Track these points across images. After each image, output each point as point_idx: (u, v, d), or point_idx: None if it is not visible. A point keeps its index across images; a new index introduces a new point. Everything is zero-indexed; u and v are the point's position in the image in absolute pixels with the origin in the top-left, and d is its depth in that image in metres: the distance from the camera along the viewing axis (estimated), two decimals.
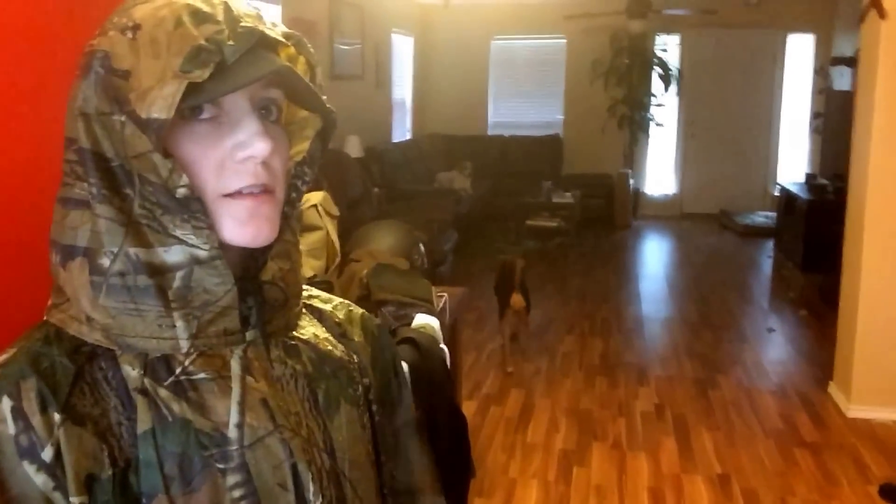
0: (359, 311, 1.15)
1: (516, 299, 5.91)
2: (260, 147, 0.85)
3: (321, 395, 0.98)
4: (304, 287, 1.08)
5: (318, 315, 1.07)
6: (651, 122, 11.42)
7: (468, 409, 4.87)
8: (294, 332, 0.99)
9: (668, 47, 11.47)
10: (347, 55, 8.77)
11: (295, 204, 0.98)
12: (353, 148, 8.45)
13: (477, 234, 9.49)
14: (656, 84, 11.27)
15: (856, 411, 4.96)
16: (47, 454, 0.79)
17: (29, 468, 0.79)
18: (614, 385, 5.47)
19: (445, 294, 3.78)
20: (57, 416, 0.80)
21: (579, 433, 4.74)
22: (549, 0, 11.12)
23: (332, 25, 8.39)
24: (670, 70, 11.21)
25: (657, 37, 11.24)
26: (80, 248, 0.85)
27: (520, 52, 12.22)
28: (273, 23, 0.92)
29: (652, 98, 11.35)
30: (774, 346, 6.44)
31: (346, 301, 1.15)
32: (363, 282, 3.34)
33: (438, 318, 3.34)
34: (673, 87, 11.28)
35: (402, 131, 11.36)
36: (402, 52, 11.24)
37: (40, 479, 0.79)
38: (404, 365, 1.21)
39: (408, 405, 1.16)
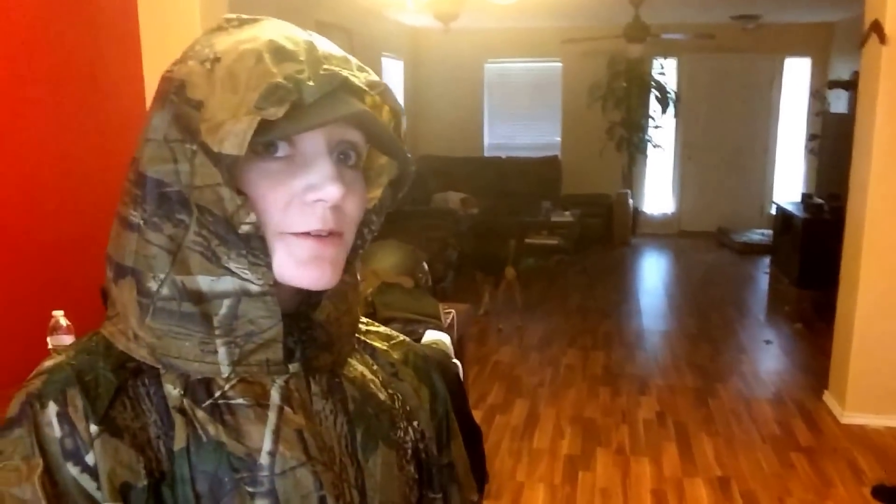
0: (418, 351, 1.14)
1: (509, 271, 6.73)
2: (331, 191, 0.84)
3: (360, 434, 0.97)
4: (364, 321, 1.09)
5: (372, 352, 1.06)
6: (649, 144, 11.56)
7: (474, 417, 5.00)
8: (341, 370, 0.99)
9: (666, 70, 11.61)
10: None
11: (358, 251, 0.97)
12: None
13: (476, 253, 9.61)
14: (654, 107, 11.40)
15: (850, 418, 5.11)
16: (90, 458, 0.82)
17: (73, 469, 0.81)
18: (617, 394, 5.61)
19: (453, 311, 3.89)
20: (94, 428, 0.82)
21: (584, 439, 4.87)
22: (545, 25, 11.22)
23: None
24: (668, 93, 11.35)
25: (655, 60, 11.38)
26: (129, 267, 0.86)
27: (515, 75, 12.27)
28: (360, 66, 0.91)
29: (650, 120, 11.48)
30: (771, 357, 6.58)
31: (407, 340, 1.14)
32: (368, 300, 3.42)
33: (447, 334, 3.43)
34: (671, 110, 11.42)
35: None
36: (393, 76, 11.26)
37: (84, 480, 0.81)
38: None
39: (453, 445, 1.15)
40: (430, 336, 3.28)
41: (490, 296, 7.00)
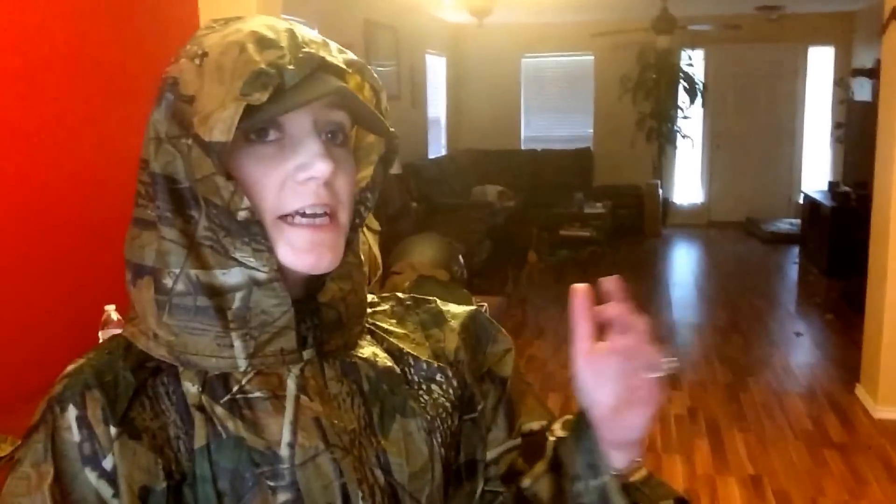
0: (431, 309, 1.14)
1: (532, 255, 7.22)
2: (320, 167, 0.87)
3: (376, 413, 0.97)
4: (371, 300, 1.10)
5: (384, 332, 1.06)
6: (678, 135, 11.60)
7: None
8: (352, 351, 0.99)
9: (694, 62, 11.66)
10: (383, 76, 8.71)
11: (357, 229, 0.99)
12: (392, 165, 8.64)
13: (511, 245, 9.67)
14: (682, 98, 11.46)
15: (883, 412, 5.09)
16: (108, 463, 0.83)
17: (90, 475, 0.82)
18: None
19: (486, 304, 3.94)
20: (113, 430, 0.83)
21: None
22: (577, 19, 11.33)
23: (368, 48, 8.61)
24: (696, 84, 11.40)
25: (683, 52, 11.43)
26: (148, 267, 0.88)
27: (550, 69, 12.48)
28: (339, 48, 0.94)
29: (679, 111, 11.53)
30: (802, 350, 6.62)
31: (412, 303, 1.15)
32: (405, 293, 3.48)
33: None
34: (698, 101, 11.47)
35: (437, 147, 11.57)
36: (436, 72, 11.45)
37: (101, 486, 0.82)
38: None
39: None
40: None
41: (514, 281, 7.14)
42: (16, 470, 0.84)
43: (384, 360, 1.01)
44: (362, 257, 1.03)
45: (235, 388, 0.89)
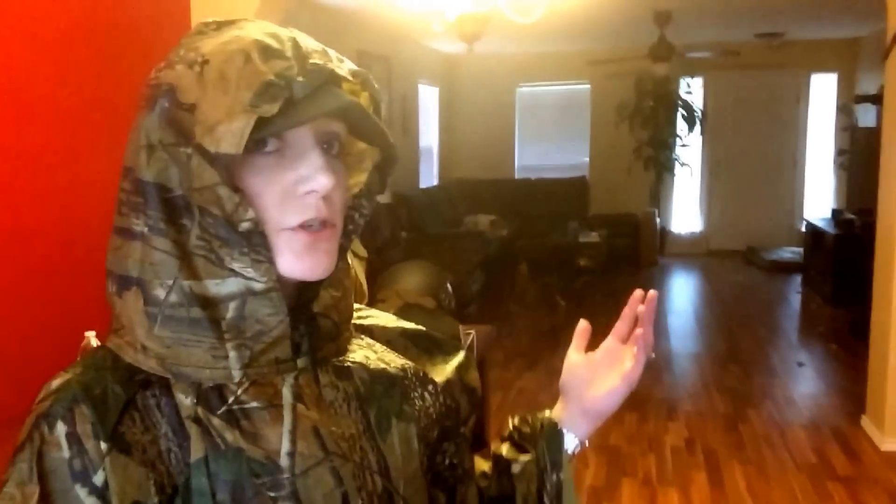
0: (413, 326, 1.17)
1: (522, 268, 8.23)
2: (323, 182, 0.86)
3: (373, 415, 0.99)
4: (357, 307, 1.09)
5: (370, 333, 1.08)
6: (676, 163, 11.48)
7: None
8: (344, 357, 1.00)
9: (693, 89, 11.59)
10: None
11: (351, 236, 0.99)
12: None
13: (503, 275, 9.53)
14: (681, 125, 11.34)
15: (889, 444, 4.92)
16: (98, 479, 0.81)
17: (80, 491, 0.81)
18: (644, 420, 5.45)
19: (473, 332, 3.77)
20: (104, 445, 0.82)
21: (609, 469, 4.71)
22: (573, 48, 11.28)
23: None
24: (694, 111, 11.30)
25: (681, 79, 11.35)
26: (135, 278, 0.86)
27: (545, 98, 12.42)
28: (339, 57, 0.93)
29: (677, 139, 11.42)
30: (805, 381, 6.42)
31: (398, 320, 1.16)
32: None
33: None
34: (697, 128, 11.36)
35: (428, 177, 11.52)
36: (428, 102, 11.43)
37: (91, 503, 0.81)
38: None
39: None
40: None
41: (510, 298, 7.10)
42: (1, 492, 0.82)
43: (376, 362, 1.03)
44: (350, 261, 1.03)
45: (231, 399, 0.88)
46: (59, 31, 3.38)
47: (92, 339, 2.90)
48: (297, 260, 0.88)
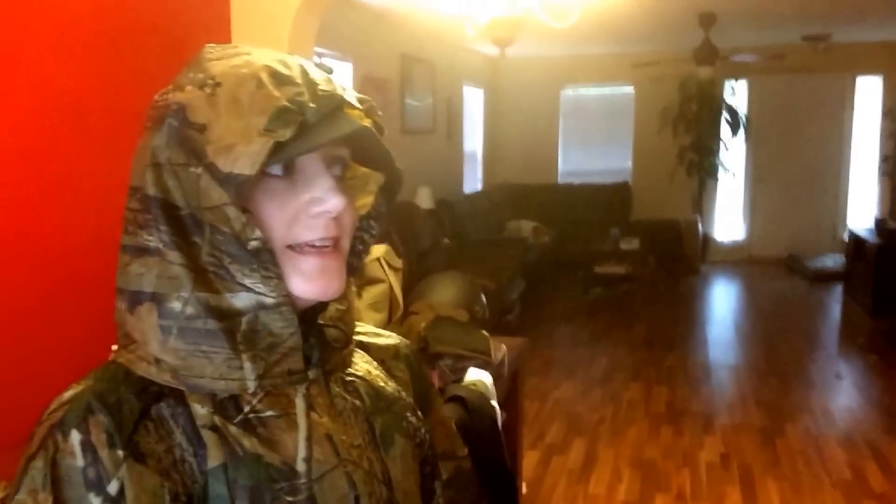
0: (403, 345, 1.20)
1: None
2: (334, 203, 0.90)
3: (378, 428, 1.03)
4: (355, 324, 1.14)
5: (366, 350, 1.12)
6: (719, 168, 11.36)
7: (531, 458, 4.91)
8: (350, 369, 1.04)
9: (737, 93, 11.46)
10: (418, 110, 8.96)
11: (361, 255, 1.05)
12: (424, 199, 8.60)
13: (544, 282, 9.55)
14: (724, 130, 11.21)
15: None
16: (113, 487, 0.82)
17: (95, 500, 0.81)
18: (679, 434, 5.47)
19: (504, 346, 3.80)
20: (118, 454, 0.83)
21: (643, 484, 4.74)
22: (617, 50, 11.22)
23: (404, 82, 8.60)
24: (738, 116, 11.17)
25: (725, 83, 11.23)
26: (148, 293, 0.89)
27: (589, 101, 12.34)
28: (343, 87, 0.97)
29: (720, 144, 11.30)
30: (843, 394, 6.37)
31: (390, 334, 1.20)
32: (421, 335, 3.36)
33: (496, 371, 3.34)
34: (741, 133, 11.23)
35: (473, 182, 11.51)
36: (473, 104, 11.41)
37: None
38: None
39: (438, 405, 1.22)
40: (471, 376, 3.19)
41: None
42: (11, 499, 0.84)
43: (376, 378, 1.07)
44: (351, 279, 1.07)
45: (247, 409, 0.91)
46: (89, 32, 3.35)
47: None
48: (308, 282, 0.92)
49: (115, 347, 2.77)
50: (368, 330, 1.17)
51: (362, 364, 1.07)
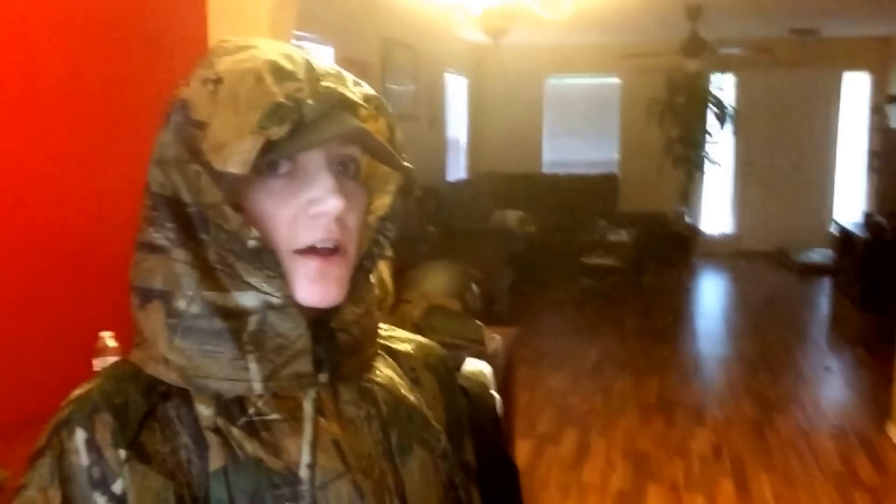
0: (435, 352, 1.15)
1: None
2: (333, 204, 0.86)
3: (395, 438, 0.97)
4: (384, 327, 1.09)
5: (395, 357, 1.07)
6: (707, 161, 11.36)
7: (523, 448, 4.89)
8: (369, 375, 0.99)
9: (724, 86, 11.45)
10: (401, 95, 8.87)
11: (376, 259, 0.99)
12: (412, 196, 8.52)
13: (532, 272, 9.52)
14: (712, 123, 11.20)
15: None
16: (118, 487, 0.81)
17: (100, 499, 0.81)
18: (671, 424, 5.47)
19: (498, 336, 3.78)
20: (123, 453, 0.82)
21: (635, 473, 4.74)
22: (603, 40, 11.18)
23: (385, 66, 8.50)
24: (726, 109, 11.15)
25: (712, 76, 11.20)
26: (157, 290, 0.87)
27: (574, 92, 12.30)
28: (356, 81, 0.94)
29: (707, 136, 11.28)
30: (832, 386, 6.41)
31: (424, 340, 1.15)
32: (416, 324, 3.33)
33: (491, 361, 3.33)
34: (728, 126, 11.22)
35: (456, 170, 11.44)
36: (456, 92, 11.35)
37: None
38: None
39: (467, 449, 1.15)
40: (471, 366, 3.18)
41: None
42: (21, 495, 0.84)
43: (399, 385, 1.02)
44: (372, 280, 1.02)
45: (252, 411, 0.88)
46: (78, 28, 3.32)
47: (108, 339, 2.87)
48: (307, 287, 0.88)
49: (102, 334, 2.74)
50: (400, 335, 1.12)
51: (385, 371, 1.02)
